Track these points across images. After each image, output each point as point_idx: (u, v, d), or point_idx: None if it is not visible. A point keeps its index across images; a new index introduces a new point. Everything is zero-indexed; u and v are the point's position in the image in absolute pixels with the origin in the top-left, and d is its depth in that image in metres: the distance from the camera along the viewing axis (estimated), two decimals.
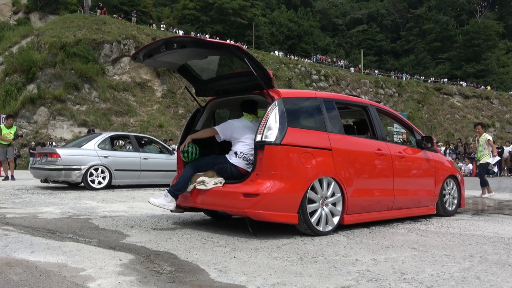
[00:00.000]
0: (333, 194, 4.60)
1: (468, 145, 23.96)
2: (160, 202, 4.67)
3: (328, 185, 4.56)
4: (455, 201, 6.46)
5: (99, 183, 10.25)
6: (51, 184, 11.26)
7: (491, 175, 20.78)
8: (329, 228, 4.54)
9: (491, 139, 10.51)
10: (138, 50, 4.89)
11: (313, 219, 4.39)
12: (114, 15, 42.43)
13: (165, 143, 13.54)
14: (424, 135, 6.13)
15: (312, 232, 4.37)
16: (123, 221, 5.24)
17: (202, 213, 5.72)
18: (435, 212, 6.11)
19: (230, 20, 60.65)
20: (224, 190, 4.45)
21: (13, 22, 44.69)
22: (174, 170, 11.24)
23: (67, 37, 31.27)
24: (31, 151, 23.63)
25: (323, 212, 4.50)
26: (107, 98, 30.42)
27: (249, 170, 4.47)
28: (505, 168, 22.54)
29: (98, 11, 41.26)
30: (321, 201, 4.50)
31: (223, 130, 4.73)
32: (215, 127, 4.81)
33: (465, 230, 4.97)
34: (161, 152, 12.07)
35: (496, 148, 22.46)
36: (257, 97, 4.90)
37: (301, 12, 76.47)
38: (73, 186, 10.75)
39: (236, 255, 3.47)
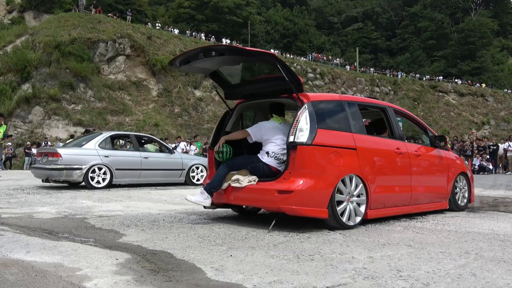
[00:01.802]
0: (357, 191, 4.91)
1: (464, 142, 24.06)
2: (197, 199, 5.06)
3: (354, 182, 4.87)
4: (466, 197, 6.78)
5: (99, 182, 10.28)
6: (46, 184, 11.24)
7: (486, 173, 20.87)
8: (355, 222, 4.86)
9: None
10: (176, 57, 5.27)
11: (341, 214, 4.71)
12: (109, 14, 42.31)
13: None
14: (437, 135, 6.47)
15: (340, 226, 4.68)
16: (119, 221, 5.23)
17: (198, 211, 5.78)
18: (448, 207, 6.43)
19: (226, 18, 60.58)
20: (258, 188, 4.77)
21: (7, 21, 44.52)
22: (174, 169, 11.70)
23: (62, 36, 31.15)
24: (26, 151, 23.55)
25: (350, 207, 4.82)
26: (103, 97, 30.33)
27: (280, 168, 4.85)
28: (500, 165, 22.63)
29: (93, 10, 41.09)
30: (347, 197, 4.81)
31: (254, 132, 5.06)
32: (247, 129, 5.13)
33: (461, 227, 4.99)
34: (161, 151, 12.15)
35: (491, 145, 22.66)
36: (283, 100, 5.23)
37: (297, 10, 76.52)
38: (73, 185, 10.74)
39: (233, 254, 3.47)
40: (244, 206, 5.72)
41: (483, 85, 62.85)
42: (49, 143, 23.97)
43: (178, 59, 5.24)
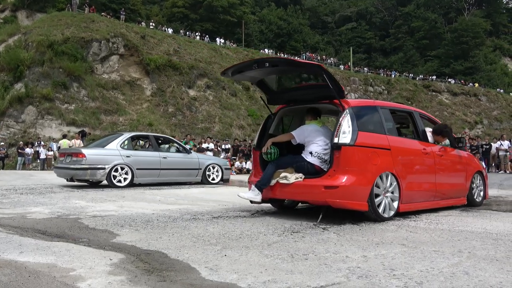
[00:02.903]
0: (391, 187, 5.44)
1: None
2: (249, 195, 5.63)
3: (388, 179, 5.41)
4: (481, 194, 7.35)
5: (120, 181, 10.68)
6: (39, 184, 11.19)
7: None
8: (390, 214, 5.41)
9: None
10: (229, 68, 5.89)
11: (378, 207, 5.26)
12: (103, 13, 42.08)
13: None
14: (456, 137, 7.22)
15: (378, 217, 5.23)
16: (113, 221, 5.21)
17: (191, 211, 5.84)
18: (466, 203, 6.97)
19: (220, 18, 60.46)
20: (305, 184, 5.29)
21: (0, 21, 44.15)
22: (192, 169, 12.19)
23: (55, 35, 30.98)
24: (19, 150, 23.40)
25: (385, 202, 5.37)
26: (96, 97, 30.19)
27: (322, 167, 5.41)
28: (493, 165, 22.76)
29: (86, 9, 40.88)
30: (383, 192, 5.35)
31: (298, 135, 5.61)
32: (291, 133, 5.70)
33: (454, 226, 5.02)
34: (178, 151, 12.41)
35: (484, 144, 22.76)
36: (319, 106, 5.86)
37: (291, 10, 76.54)
38: (93, 185, 11.06)
39: (227, 253, 3.47)
40: (285, 201, 6.32)
41: (476, 84, 63.24)
42: (42, 143, 23.85)
43: (231, 69, 5.86)
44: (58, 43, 30.16)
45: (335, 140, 5.14)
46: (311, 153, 5.49)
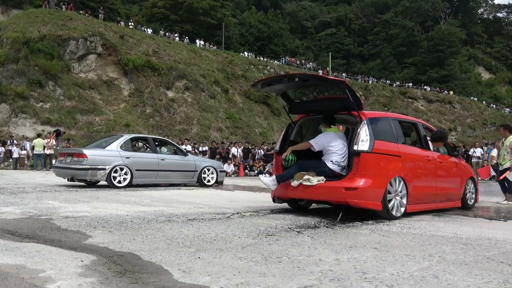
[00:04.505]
0: (401, 189, 6.08)
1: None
2: (267, 181, 6.25)
3: (398, 182, 6.06)
4: (473, 198, 8.06)
5: (120, 182, 10.83)
6: (10, 184, 10.95)
7: None
8: (399, 214, 6.05)
9: None
10: (260, 80, 6.63)
11: (390, 207, 5.90)
12: (81, 12, 41.42)
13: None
14: (453, 146, 8.04)
15: (389, 216, 5.88)
16: (86, 222, 5.13)
17: (166, 213, 5.83)
18: (461, 206, 7.68)
19: (200, 20, 60.19)
20: (327, 186, 5.89)
21: None
22: (188, 171, 12.53)
23: (31, 32, 30.37)
24: None
25: (396, 202, 6.02)
26: (72, 96, 29.68)
27: (341, 172, 5.99)
28: None
29: (64, 6, 40.21)
30: (394, 194, 5.99)
31: (318, 144, 6.16)
32: (310, 141, 6.23)
33: (426, 230, 5.11)
34: (175, 153, 12.65)
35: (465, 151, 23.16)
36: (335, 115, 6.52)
37: (271, 14, 76.79)
38: (90, 185, 11.22)
39: (201, 256, 3.46)
40: (301, 202, 6.95)
41: (451, 92, 64.61)
42: (15, 142, 23.33)
43: (261, 82, 6.59)
44: (34, 40, 29.56)
45: (355, 147, 5.77)
46: (332, 161, 6.04)
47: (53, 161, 20.52)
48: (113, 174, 10.75)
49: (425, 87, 64.70)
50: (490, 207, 8.50)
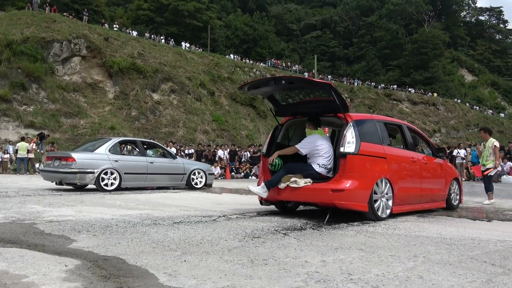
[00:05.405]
0: (387, 191, 6.13)
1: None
2: (258, 190, 6.30)
3: (384, 184, 6.11)
4: (458, 198, 8.17)
5: (107, 185, 10.75)
6: None
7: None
8: (385, 215, 6.09)
9: (497, 145, 9.49)
10: (247, 83, 6.65)
11: (376, 208, 5.95)
12: (65, 14, 41.02)
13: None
14: (438, 147, 8.13)
15: (376, 217, 5.92)
16: (70, 226, 5.07)
17: (152, 217, 5.79)
18: (445, 206, 7.77)
19: (185, 22, 59.98)
20: (314, 187, 5.93)
21: None
22: (177, 173, 12.47)
23: (13, 34, 30.00)
24: None
25: (382, 204, 6.08)
26: (56, 99, 29.36)
27: (328, 174, 6.01)
28: None
29: (47, 8, 39.75)
30: (380, 196, 6.04)
31: (304, 148, 6.18)
32: (296, 146, 6.24)
33: (411, 231, 5.16)
34: (163, 156, 12.67)
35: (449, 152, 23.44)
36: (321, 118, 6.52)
37: (257, 16, 76.94)
38: (78, 189, 11.13)
39: (187, 259, 3.45)
40: (288, 204, 6.92)
41: (435, 94, 65.43)
42: None
43: (248, 85, 6.59)
44: (17, 42, 29.20)
45: (341, 149, 5.81)
46: (318, 164, 6.06)
47: (37, 165, 20.28)
48: (102, 177, 10.67)
49: (410, 89, 65.42)
50: (474, 207, 8.61)
